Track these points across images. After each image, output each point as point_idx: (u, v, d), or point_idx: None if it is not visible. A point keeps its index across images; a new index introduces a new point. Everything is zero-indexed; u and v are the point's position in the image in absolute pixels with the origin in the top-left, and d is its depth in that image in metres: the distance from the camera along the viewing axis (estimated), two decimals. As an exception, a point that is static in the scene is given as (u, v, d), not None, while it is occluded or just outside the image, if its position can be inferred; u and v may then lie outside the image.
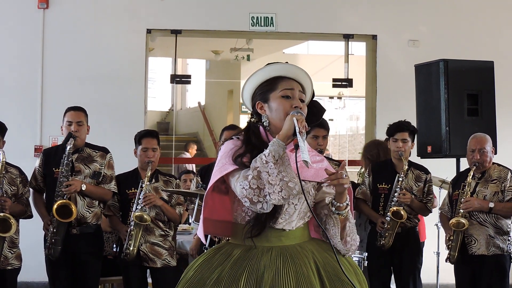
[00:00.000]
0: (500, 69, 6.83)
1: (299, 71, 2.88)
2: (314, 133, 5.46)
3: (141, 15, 8.25)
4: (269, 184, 2.62)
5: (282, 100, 2.82)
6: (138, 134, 5.60)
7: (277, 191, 2.63)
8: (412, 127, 5.72)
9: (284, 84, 2.85)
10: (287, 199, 2.68)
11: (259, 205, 2.67)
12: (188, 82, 9.44)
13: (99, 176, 5.40)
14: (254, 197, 2.66)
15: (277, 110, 2.82)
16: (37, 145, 7.97)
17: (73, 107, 5.51)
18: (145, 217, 5.25)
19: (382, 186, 5.68)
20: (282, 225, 2.79)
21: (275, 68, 2.88)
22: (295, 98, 2.83)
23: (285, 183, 2.64)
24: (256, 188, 2.64)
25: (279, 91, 2.83)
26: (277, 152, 2.65)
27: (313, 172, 2.85)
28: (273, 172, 2.62)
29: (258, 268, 2.70)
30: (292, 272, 2.68)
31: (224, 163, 2.78)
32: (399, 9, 8.48)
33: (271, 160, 2.63)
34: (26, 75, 8.08)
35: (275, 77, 2.87)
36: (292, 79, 2.86)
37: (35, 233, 5.74)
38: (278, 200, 2.65)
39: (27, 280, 7.51)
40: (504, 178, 5.38)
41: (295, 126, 2.67)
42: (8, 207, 4.96)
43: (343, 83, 8.65)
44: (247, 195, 2.66)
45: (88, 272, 5.37)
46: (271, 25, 8.32)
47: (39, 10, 8.09)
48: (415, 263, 5.68)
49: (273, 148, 2.65)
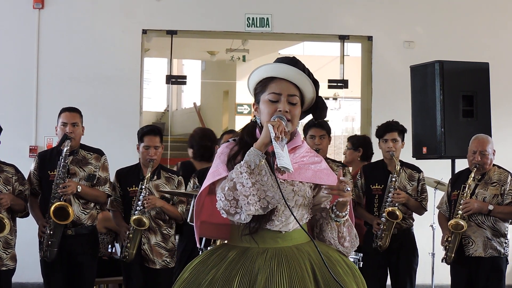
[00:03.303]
0: (495, 70, 6.84)
1: (293, 72, 2.81)
2: (311, 132, 5.49)
3: (136, 15, 8.24)
4: (242, 195, 2.62)
5: (268, 104, 2.80)
6: (141, 130, 5.56)
7: (252, 202, 2.62)
8: (401, 126, 5.72)
9: (273, 86, 2.81)
10: (266, 209, 2.66)
11: (237, 216, 2.67)
12: (184, 83, 9.43)
13: (94, 178, 5.38)
14: (231, 209, 2.66)
15: (263, 114, 2.81)
16: (32, 145, 7.95)
17: (68, 108, 5.49)
18: (144, 220, 5.22)
19: (375, 187, 5.68)
20: (278, 227, 2.77)
21: (266, 69, 2.84)
22: (282, 102, 2.78)
23: (262, 192, 2.62)
24: (232, 199, 2.64)
25: (267, 94, 2.81)
26: (252, 162, 2.63)
27: (311, 173, 2.83)
28: (247, 183, 2.61)
29: (252, 269, 2.69)
30: (286, 274, 2.67)
31: (217, 167, 2.78)
32: (395, 10, 8.49)
33: (245, 171, 2.62)
34: (21, 75, 8.06)
35: (269, 77, 2.83)
36: (285, 80, 2.81)
37: (30, 233, 5.72)
38: (255, 211, 2.64)
39: (22, 281, 7.49)
40: (504, 181, 5.37)
41: (271, 132, 2.63)
42: (5, 204, 4.95)
43: (339, 84, 8.65)
44: (223, 206, 2.67)
45: (83, 273, 5.35)
46: (266, 26, 8.32)
47: (35, 10, 8.08)
48: (412, 264, 5.69)
49: (248, 158, 2.64)
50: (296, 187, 2.79)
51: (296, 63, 2.84)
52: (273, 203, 2.66)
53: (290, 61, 2.84)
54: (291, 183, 2.79)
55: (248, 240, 2.77)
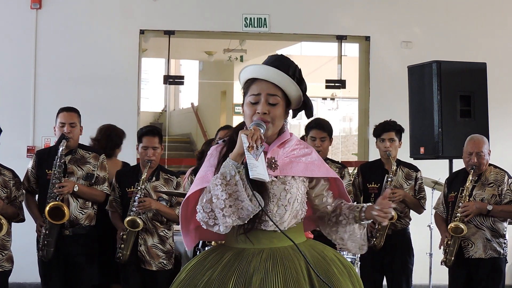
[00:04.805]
0: (493, 70, 6.85)
1: (272, 72, 2.77)
2: (312, 134, 5.49)
3: (134, 15, 8.24)
4: (218, 208, 2.62)
5: (249, 106, 2.79)
6: (140, 130, 5.54)
7: (228, 214, 2.61)
8: (399, 126, 5.72)
9: (253, 88, 2.79)
10: (244, 219, 2.66)
11: (216, 227, 2.67)
12: (181, 83, 9.42)
13: (92, 177, 5.38)
14: (209, 221, 2.66)
15: (245, 116, 2.81)
16: (29, 146, 7.94)
17: (66, 108, 5.49)
18: (138, 221, 5.22)
19: (372, 186, 5.70)
20: (273, 227, 2.77)
21: (248, 70, 2.82)
22: (261, 103, 2.76)
23: (239, 203, 2.61)
24: (210, 211, 2.64)
25: (248, 96, 2.80)
26: (228, 173, 2.62)
27: (302, 166, 2.82)
28: (222, 195, 2.60)
29: (248, 270, 2.69)
30: (281, 275, 2.67)
31: (205, 173, 2.77)
32: (392, 10, 8.49)
33: (220, 183, 2.61)
34: (18, 75, 8.05)
35: (252, 79, 2.82)
36: (265, 81, 2.78)
37: (28, 234, 5.72)
38: (233, 222, 2.64)
39: (19, 281, 7.48)
40: (501, 181, 5.36)
41: (244, 143, 2.60)
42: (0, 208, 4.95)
43: (336, 84, 8.65)
44: (202, 218, 2.67)
45: (81, 273, 5.35)
46: (264, 26, 8.32)
47: (32, 10, 8.07)
48: (407, 264, 5.70)
49: (224, 170, 2.63)
50: (288, 185, 2.78)
51: (281, 62, 2.81)
52: (251, 213, 2.65)
53: (274, 61, 2.81)
54: (283, 181, 2.78)
55: (244, 240, 2.76)
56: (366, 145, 8.48)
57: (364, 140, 8.57)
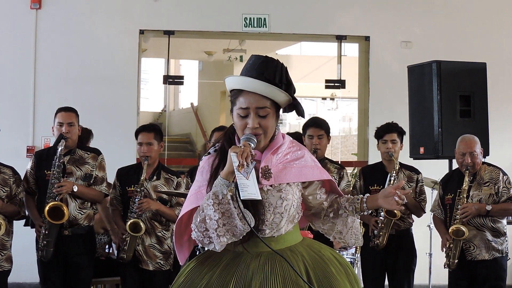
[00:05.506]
0: (493, 70, 6.85)
1: (259, 85, 2.67)
2: (309, 132, 5.51)
3: (134, 15, 8.24)
4: (212, 229, 2.59)
5: (238, 118, 2.73)
6: (136, 129, 5.58)
7: (222, 234, 2.59)
8: (400, 128, 5.72)
9: (241, 101, 2.71)
10: (238, 236, 2.64)
11: (211, 245, 2.65)
12: (181, 83, 9.42)
13: (91, 178, 5.38)
14: (204, 239, 2.64)
15: (236, 127, 2.77)
16: (29, 146, 7.94)
17: (64, 108, 5.48)
18: (140, 225, 5.23)
19: (374, 188, 5.67)
20: (270, 234, 2.76)
21: (233, 81, 2.75)
22: (251, 118, 2.69)
23: (232, 221, 2.58)
24: (204, 230, 2.62)
25: (237, 108, 2.74)
26: (220, 192, 2.58)
27: (295, 171, 2.80)
28: (214, 215, 2.57)
29: (247, 274, 2.68)
30: (280, 278, 2.67)
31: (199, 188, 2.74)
32: (392, 10, 8.49)
33: (212, 203, 2.57)
34: (18, 75, 8.06)
35: (238, 89, 2.74)
36: (253, 92, 2.69)
37: (27, 234, 5.72)
38: (228, 240, 2.61)
39: (19, 281, 7.48)
40: (496, 179, 5.35)
41: (233, 162, 2.55)
42: (-1, 208, 4.95)
43: (336, 84, 8.66)
44: (197, 237, 2.65)
45: (80, 273, 5.34)
46: (264, 26, 8.32)
47: (32, 10, 8.07)
48: (410, 265, 5.68)
49: (215, 189, 2.59)
50: (284, 192, 2.76)
51: (266, 67, 2.70)
52: (244, 231, 2.62)
53: (259, 67, 2.70)
54: (278, 189, 2.76)
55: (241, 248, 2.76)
56: (365, 145, 8.49)
57: (364, 140, 8.57)
